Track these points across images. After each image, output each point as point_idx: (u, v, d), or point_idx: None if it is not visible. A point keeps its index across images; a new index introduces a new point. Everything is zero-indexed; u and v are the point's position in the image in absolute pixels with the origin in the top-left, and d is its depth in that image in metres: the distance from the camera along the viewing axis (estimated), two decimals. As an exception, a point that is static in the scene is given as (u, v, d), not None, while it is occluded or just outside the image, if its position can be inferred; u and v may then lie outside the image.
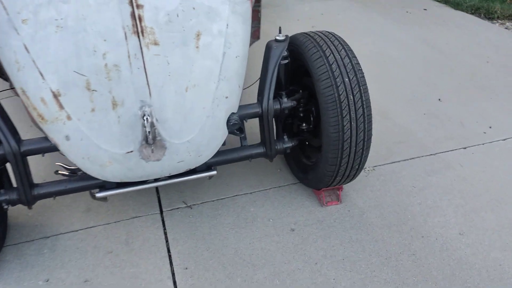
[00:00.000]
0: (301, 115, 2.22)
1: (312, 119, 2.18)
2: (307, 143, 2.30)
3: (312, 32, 2.11)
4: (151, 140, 1.62)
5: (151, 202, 2.29)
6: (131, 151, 1.64)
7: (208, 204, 2.27)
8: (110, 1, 1.64)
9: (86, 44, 1.60)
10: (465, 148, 2.69)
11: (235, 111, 1.80)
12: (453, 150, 2.66)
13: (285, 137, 2.12)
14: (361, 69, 1.95)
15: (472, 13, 5.26)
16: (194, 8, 1.73)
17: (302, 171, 2.31)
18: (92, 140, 1.61)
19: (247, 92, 2.32)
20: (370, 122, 1.93)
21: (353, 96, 1.89)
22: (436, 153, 2.64)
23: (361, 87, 1.90)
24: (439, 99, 3.27)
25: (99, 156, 1.63)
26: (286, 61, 2.04)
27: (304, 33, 2.12)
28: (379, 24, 4.92)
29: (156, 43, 1.65)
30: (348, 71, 1.91)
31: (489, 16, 5.15)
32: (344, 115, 1.87)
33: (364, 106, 1.90)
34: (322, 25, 4.79)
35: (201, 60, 1.70)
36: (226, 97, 1.75)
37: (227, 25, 1.76)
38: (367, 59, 3.71)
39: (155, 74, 1.64)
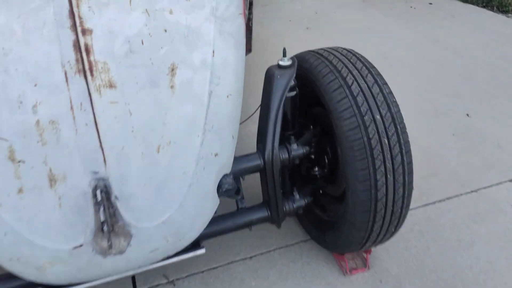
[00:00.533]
0: (313, 156, 1.77)
1: (327, 161, 1.74)
2: (321, 191, 1.86)
3: (325, 50, 1.66)
4: (109, 226, 1.16)
5: (120, 278, 1.82)
6: (80, 245, 1.17)
7: (196, 278, 1.81)
8: (43, 26, 1.17)
9: (8, 91, 1.13)
10: (512, 180, 2.28)
11: (228, 171, 1.34)
12: (497, 184, 2.25)
13: (295, 193, 1.66)
14: (396, 101, 1.51)
15: (483, 6, 4.90)
16: (166, 31, 1.27)
17: (316, 227, 1.86)
18: (21, 234, 1.14)
19: (242, 128, 1.87)
20: (411, 172, 1.49)
21: (388, 139, 1.45)
22: (477, 189, 2.22)
23: (398, 126, 1.47)
24: (467, 114, 2.86)
25: (33, 255, 1.16)
26: (294, 93, 1.59)
27: (314, 52, 1.67)
28: (381, 21, 4.51)
29: (111, 86, 1.18)
30: (379, 104, 1.47)
31: (503, 9, 4.79)
32: (377, 167, 1.43)
33: (404, 152, 1.46)
34: (318, 26, 4.37)
35: (178, 106, 1.24)
36: (216, 155, 1.29)
37: (213, 52, 1.30)
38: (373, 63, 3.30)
39: (112, 132, 1.17)
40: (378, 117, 1.45)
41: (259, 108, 1.64)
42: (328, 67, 1.55)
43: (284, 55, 1.54)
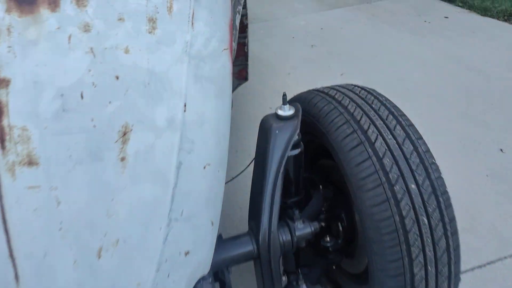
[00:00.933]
0: (323, 224, 1.41)
1: (341, 229, 1.38)
2: (334, 266, 1.49)
3: (337, 90, 1.31)
4: None
5: None
6: None
7: None
8: None
9: None
10: None
11: (206, 271, 0.97)
12: (550, 243, 1.87)
13: (301, 282, 1.28)
14: (435, 162, 1.14)
15: (504, 20, 4.54)
16: (117, 78, 0.92)
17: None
18: None
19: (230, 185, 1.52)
20: (458, 261, 1.13)
21: (428, 217, 1.08)
22: (524, 251, 1.84)
23: (441, 198, 1.10)
24: (501, 149, 2.49)
25: None
26: (298, 150, 1.23)
27: (323, 92, 1.32)
28: (393, 38, 4.17)
29: (32, 162, 0.83)
30: (413, 168, 1.10)
31: (527, 22, 4.44)
32: (414, 256, 1.06)
33: (449, 234, 1.10)
34: (324, 43, 4.04)
35: (130, 187, 0.88)
36: (187, 253, 0.92)
37: (185, 105, 0.95)
38: (386, 88, 2.93)
39: (29, 231, 0.81)
40: (413, 186, 1.09)
41: (253, 162, 1.28)
42: (343, 115, 1.19)
43: (285, 102, 1.18)
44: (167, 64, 0.97)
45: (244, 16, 1.82)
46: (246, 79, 2.20)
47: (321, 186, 1.40)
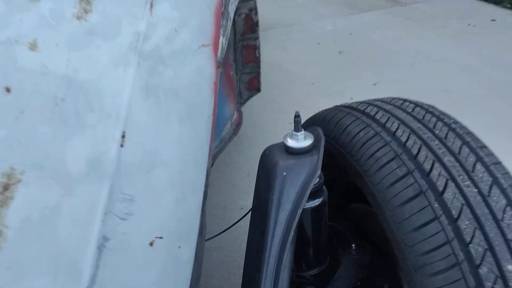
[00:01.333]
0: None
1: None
2: None
3: (380, 107, 0.90)
4: None
5: None
6: None
7: None
8: None
9: None
10: None
11: None
12: None
13: None
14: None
15: (562, 22, 4.03)
16: (8, 90, 0.55)
17: None
18: None
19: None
20: None
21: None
22: None
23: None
24: None
25: None
26: (319, 201, 0.82)
27: (357, 110, 0.91)
28: (432, 43, 3.71)
29: None
30: (509, 237, 0.68)
31: None
32: None
33: None
34: (353, 49, 3.62)
35: (9, 288, 0.49)
36: None
37: (124, 136, 0.57)
38: (428, 101, 2.51)
39: None
40: (510, 268, 0.66)
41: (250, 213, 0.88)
42: (390, 146, 0.78)
43: (298, 127, 0.76)
44: (100, 68, 0.59)
45: (254, 10, 1.44)
46: (258, 89, 1.81)
47: (353, 245, 0.99)
